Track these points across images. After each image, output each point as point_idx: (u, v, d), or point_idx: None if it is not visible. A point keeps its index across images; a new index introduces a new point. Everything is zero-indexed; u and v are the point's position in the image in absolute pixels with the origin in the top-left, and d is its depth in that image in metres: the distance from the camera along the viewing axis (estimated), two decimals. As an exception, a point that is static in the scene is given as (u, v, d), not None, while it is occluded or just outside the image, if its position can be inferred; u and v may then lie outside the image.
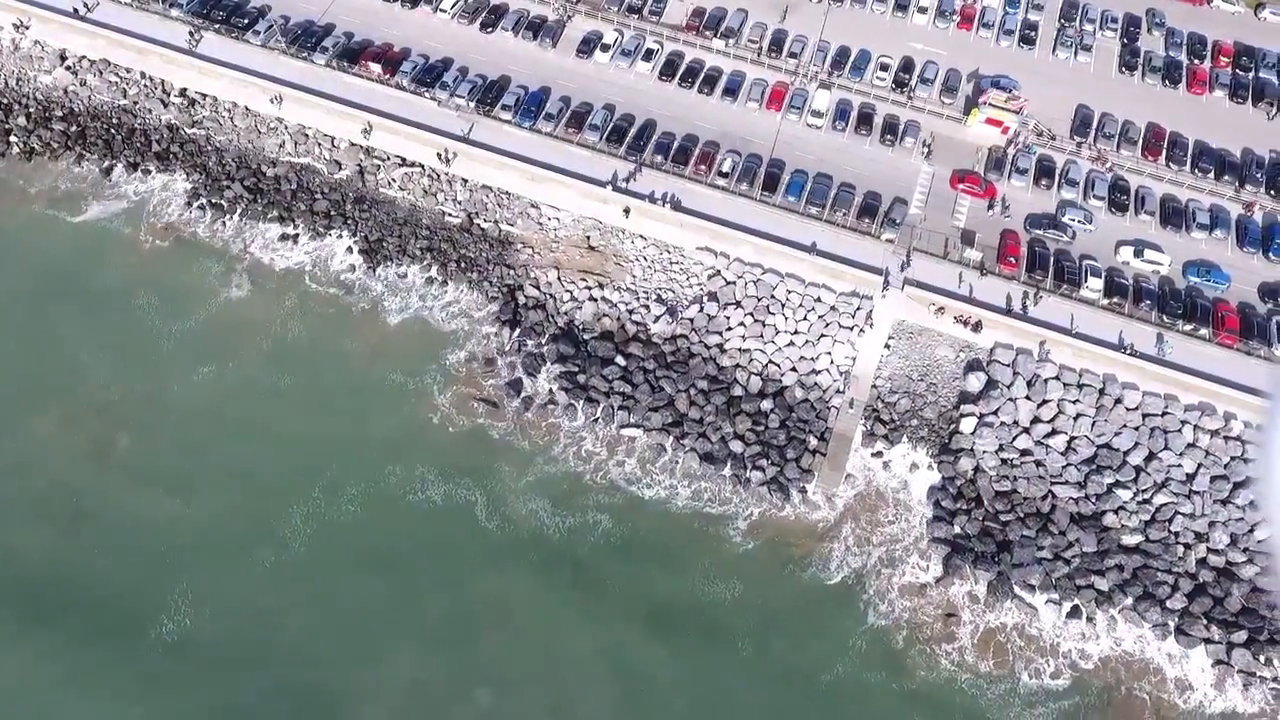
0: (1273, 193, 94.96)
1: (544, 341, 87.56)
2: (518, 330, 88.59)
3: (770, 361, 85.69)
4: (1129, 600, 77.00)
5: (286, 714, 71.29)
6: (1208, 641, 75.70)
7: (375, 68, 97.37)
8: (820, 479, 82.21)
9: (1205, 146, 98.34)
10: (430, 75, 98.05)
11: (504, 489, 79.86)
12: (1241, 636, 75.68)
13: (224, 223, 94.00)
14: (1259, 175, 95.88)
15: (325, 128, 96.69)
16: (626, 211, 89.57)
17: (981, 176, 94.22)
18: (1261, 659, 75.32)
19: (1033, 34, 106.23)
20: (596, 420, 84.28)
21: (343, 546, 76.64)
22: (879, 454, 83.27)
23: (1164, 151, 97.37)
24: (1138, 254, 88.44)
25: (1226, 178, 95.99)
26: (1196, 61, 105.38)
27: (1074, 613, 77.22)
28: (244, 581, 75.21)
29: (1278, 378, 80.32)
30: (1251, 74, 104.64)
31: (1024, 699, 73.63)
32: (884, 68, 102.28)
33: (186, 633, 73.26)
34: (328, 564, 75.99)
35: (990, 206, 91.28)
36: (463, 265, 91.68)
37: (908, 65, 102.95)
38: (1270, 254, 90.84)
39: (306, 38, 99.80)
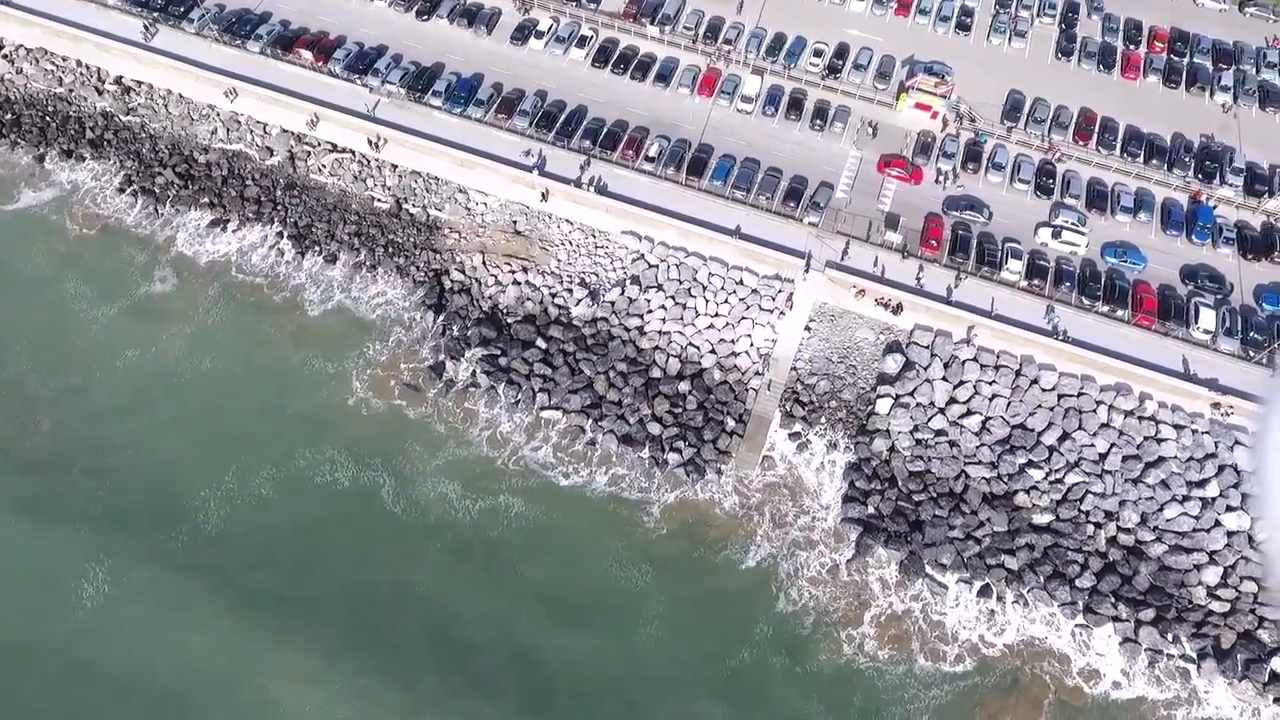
0: (1200, 176, 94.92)
1: (468, 325, 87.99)
2: (443, 314, 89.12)
3: (690, 344, 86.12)
4: (1039, 579, 77.17)
5: (195, 688, 71.58)
6: (1115, 619, 76.03)
7: (306, 54, 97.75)
8: (737, 460, 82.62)
9: (1136, 131, 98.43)
10: (363, 62, 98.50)
11: (414, 472, 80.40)
12: (1149, 614, 75.98)
13: (155, 209, 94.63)
14: (1187, 160, 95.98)
15: (258, 115, 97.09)
16: (544, 195, 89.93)
17: (908, 161, 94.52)
18: (1169, 637, 75.59)
19: (969, 20, 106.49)
20: (517, 403, 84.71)
21: (252, 528, 77.25)
22: (797, 435, 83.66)
23: (1095, 136, 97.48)
24: (1055, 235, 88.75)
25: (1154, 161, 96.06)
26: (1132, 47, 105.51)
27: (984, 591, 77.61)
28: (157, 561, 75.64)
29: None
30: (1185, 59, 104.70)
31: (925, 682, 73.96)
32: (818, 54, 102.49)
33: (99, 608, 73.65)
34: (237, 544, 76.45)
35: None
36: (390, 250, 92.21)
37: (842, 51, 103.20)
38: (1193, 236, 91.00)
39: (241, 25, 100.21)
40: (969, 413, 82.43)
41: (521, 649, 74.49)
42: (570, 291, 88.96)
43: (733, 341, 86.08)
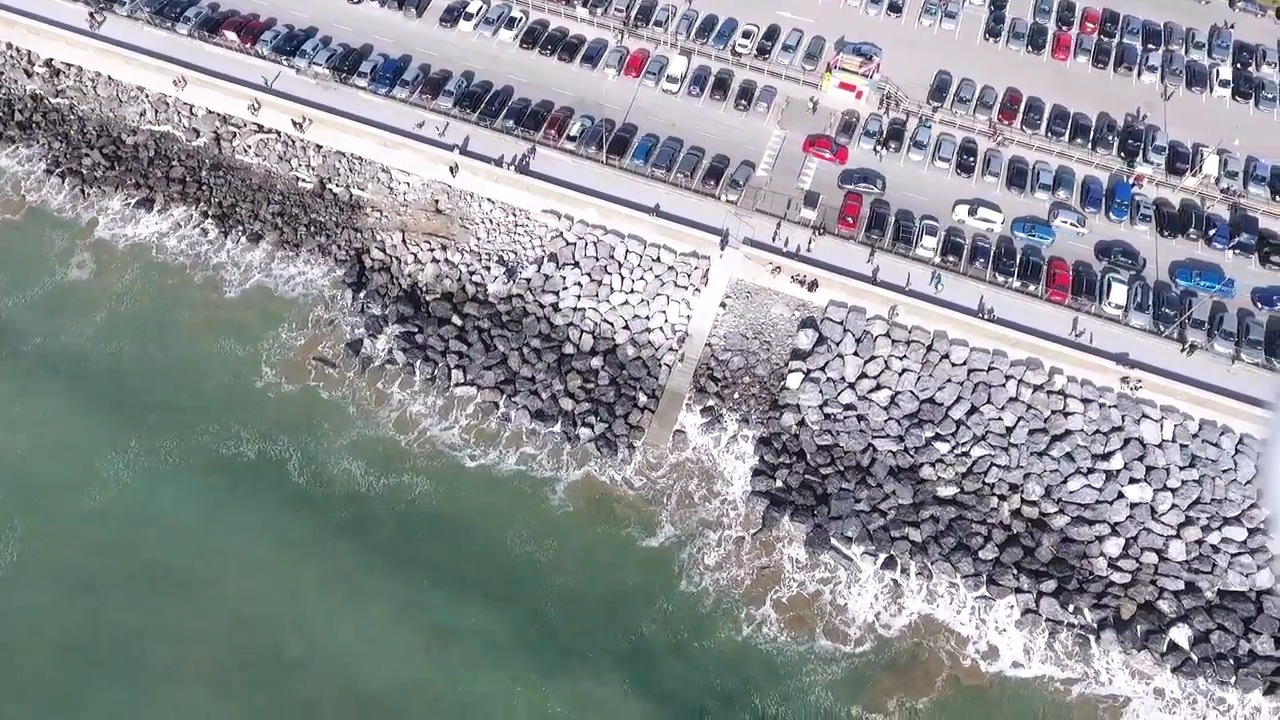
0: (1122, 156, 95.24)
1: (387, 303, 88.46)
2: (363, 293, 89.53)
3: (603, 320, 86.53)
4: (942, 551, 77.53)
5: (93, 646, 72.43)
6: (1017, 591, 76.34)
7: (232, 36, 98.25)
8: (649, 436, 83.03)
9: (1062, 110, 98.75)
10: (291, 44, 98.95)
11: (321, 449, 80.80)
12: (1050, 586, 76.29)
13: (82, 191, 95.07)
14: (1111, 139, 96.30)
15: (185, 96, 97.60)
16: (453, 169, 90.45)
17: (832, 140, 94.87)
18: (1070, 608, 75.93)
19: (900, 2, 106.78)
20: (433, 379, 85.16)
21: (156, 500, 77.99)
22: (709, 410, 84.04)
23: (1019, 115, 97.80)
24: (972, 212, 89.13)
25: (1079, 140, 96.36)
26: (1063, 28, 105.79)
27: (889, 564, 77.98)
28: (62, 531, 76.67)
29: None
30: (1115, 40, 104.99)
31: (825, 659, 74.11)
32: (747, 35, 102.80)
33: (7, 576, 74.33)
34: (139, 515, 77.39)
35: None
36: (312, 230, 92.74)
37: (772, 33, 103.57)
38: (1111, 213, 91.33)
39: (171, 7, 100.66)
40: (878, 387, 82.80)
41: (417, 620, 74.73)
42: (488, 269, 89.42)
43: (647, 318, 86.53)
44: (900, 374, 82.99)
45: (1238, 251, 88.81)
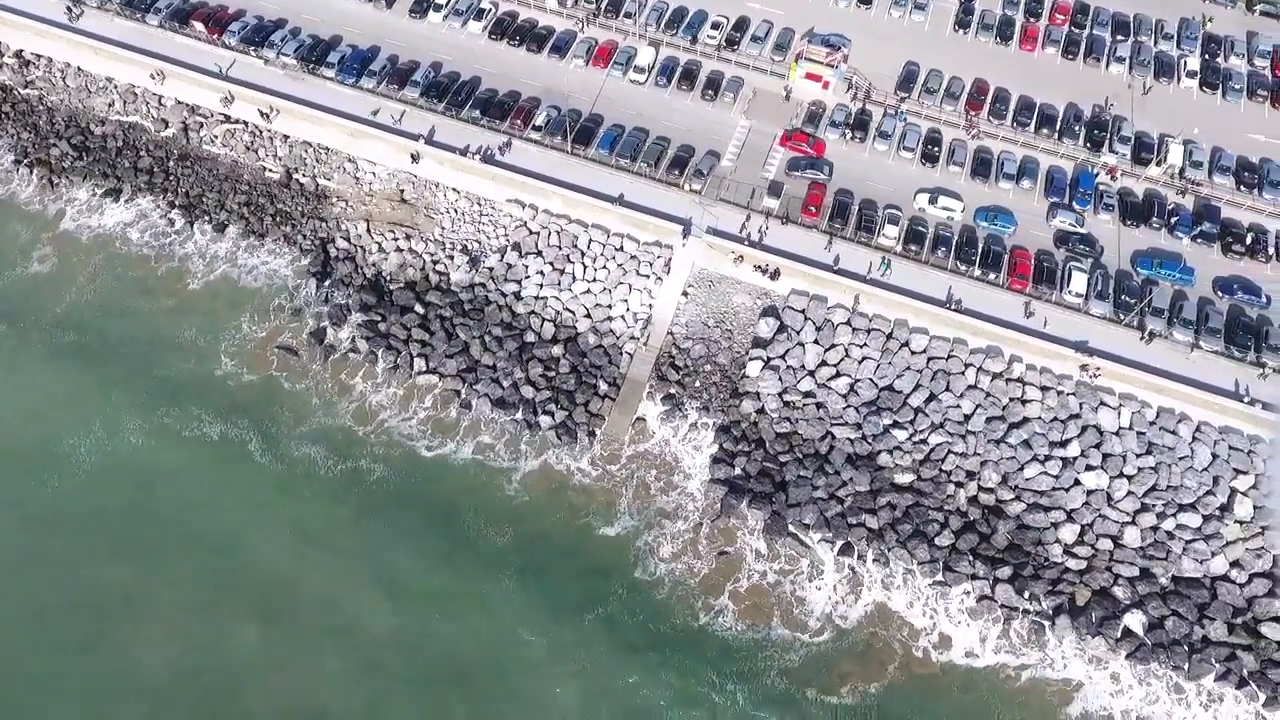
0: (1088, 146, 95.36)
1: (351, 292, 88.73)
2: (327, 282, 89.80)
3: (565, 308, 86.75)
4: (899, 537, 77.71)
5: (61, 622, 73.31)
6: (973, 577, 76.48)
7: (200, 26, 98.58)
8: (610, 425, 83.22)
9: (1029, 101, 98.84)
10: (259, 35, 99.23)
11: (282, 434, 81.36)
12: (1006, 572, 76.43)
13: (50, 181, 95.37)
14: (1077, 129, 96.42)
15: (155, 87, 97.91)
16: (415, 157, 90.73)
17: (809, 135, 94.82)
18: (1025, 594, 76.09)
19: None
20: (395, 368, 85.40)
21: (120, 476, 79.06)
22: (670, 398, 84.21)
23: (985, 106, 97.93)
24: (932, 201, 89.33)
25: (1044, 131, 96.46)
26: (1032, 19, 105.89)
27: (845, 550, 78.13)
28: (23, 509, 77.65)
29: None
30: (1086, 31, 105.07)
31: (782, 647, 74.46)
32: (716, 26, 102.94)
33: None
34: (106, 488, 78.64)
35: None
36: (278, 219, 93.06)
37: (742, 24, 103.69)
38: (1075, 203, 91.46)
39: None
40: (838, 375, 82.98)
41: (370, 597, 75.51)
42: (452, 258, 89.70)
43: (609, 306, 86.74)
44: (860, 362, 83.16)
45: (1199, 240, 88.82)
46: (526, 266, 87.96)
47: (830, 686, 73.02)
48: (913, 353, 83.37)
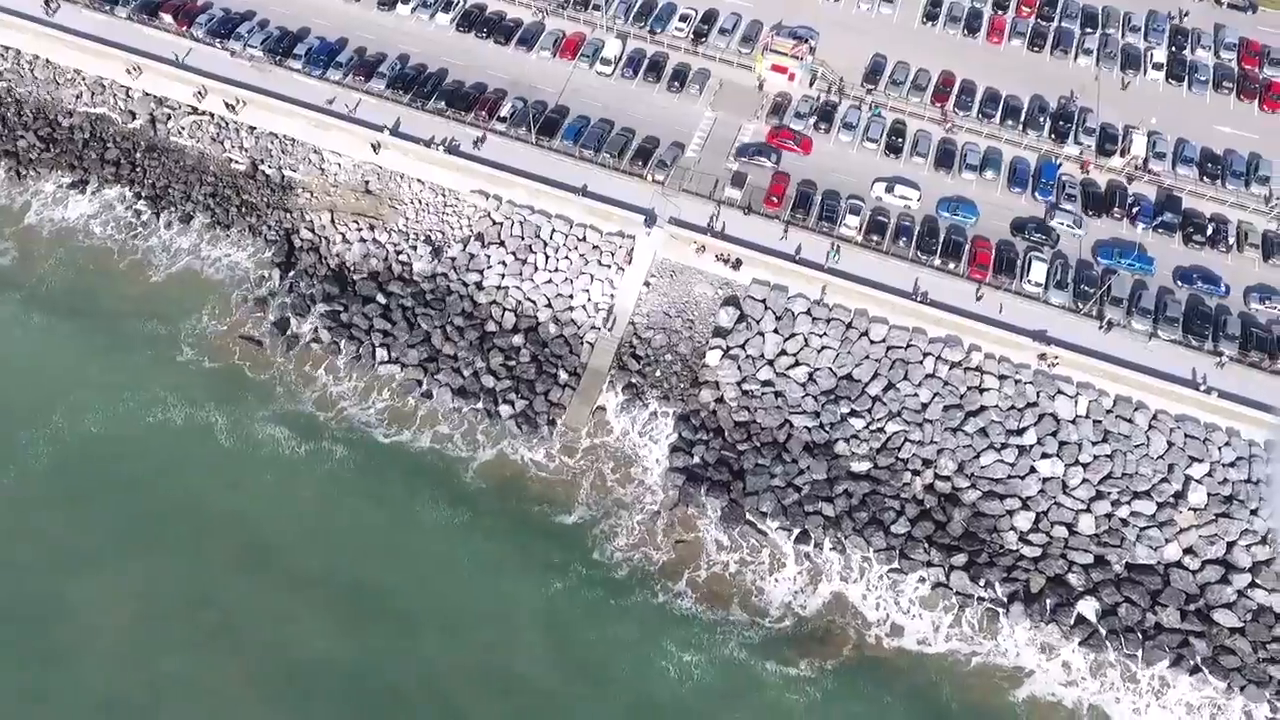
0: (1053, 137, 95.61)
1: (314, 282, 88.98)
2: (291, 272, 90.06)
3: (526, 298, 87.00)
4: (855, 525, 77.96)
5: (26, 617, 73.76)
6: (928, 565, 76.72)
7: (168, 18, 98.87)
8: (570, 414, 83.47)
9: (995, 93, 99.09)
10: (226, 27, 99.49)
11: (245, 418, 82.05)
12: (961, 559, 76.68)
13: (17, 173, 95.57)
14: (1042, 120, 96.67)
15: (124, 80, 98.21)
16: (375, 147, 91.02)
17: (796, 131, 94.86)
18: (980, 581, 76.35)
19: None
20: (358, 358, 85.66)
21: (86, 460, 79.82)
22: (631, 387, 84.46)
23: (951, 98, 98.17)
24: (889, 189, 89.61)
25: (1009, 122, 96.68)
26: (999, 12, 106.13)
27: (802, 538, 78.36)
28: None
29: None
30: (1053, 24, 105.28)
31: (741, 625, 74.76)
32: (684, 19, 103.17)
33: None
34: (75, 472, 79.48)
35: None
36: (243, 211, 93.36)
37: (710, 17, 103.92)
38: (1037, 193, 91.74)
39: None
40: (797, 364, 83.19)
41: (336, 583, 76.06)
42: (415, 249, 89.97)
43: (570, 296, 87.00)
44: (819, 351, 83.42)
45: (1159, 230, 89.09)
46: (489, 257, 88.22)
47: (789, 660, 73.42)
48: (872, 342, 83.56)
